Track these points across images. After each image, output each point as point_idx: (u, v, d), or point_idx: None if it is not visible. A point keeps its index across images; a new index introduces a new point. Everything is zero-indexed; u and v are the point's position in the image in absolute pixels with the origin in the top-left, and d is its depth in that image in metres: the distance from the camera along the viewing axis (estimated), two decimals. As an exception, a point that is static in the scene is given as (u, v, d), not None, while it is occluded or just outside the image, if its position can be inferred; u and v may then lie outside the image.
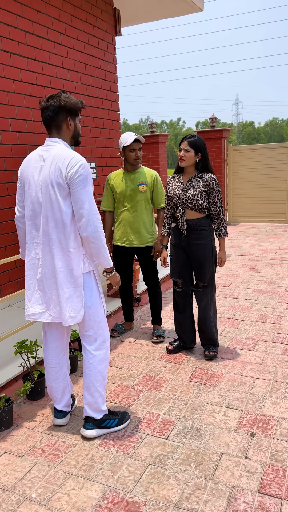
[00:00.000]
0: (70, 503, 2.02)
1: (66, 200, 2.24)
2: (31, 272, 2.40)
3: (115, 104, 5.62)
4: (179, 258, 3.38)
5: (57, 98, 2.33)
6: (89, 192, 2.25)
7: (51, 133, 2.37)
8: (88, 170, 2.25)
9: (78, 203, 2.22)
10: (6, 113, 3.90)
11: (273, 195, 10.18)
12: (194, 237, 3.26)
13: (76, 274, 2.32)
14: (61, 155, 2.23)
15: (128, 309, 4.09)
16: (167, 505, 1.99)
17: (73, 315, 2.34)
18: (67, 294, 2.32)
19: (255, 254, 7.16)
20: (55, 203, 2.24)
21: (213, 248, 3.30)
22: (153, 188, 3.69)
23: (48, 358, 2.57)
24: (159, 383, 3.08)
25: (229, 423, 2.58)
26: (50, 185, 2.22)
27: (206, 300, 3.38)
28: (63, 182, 2.21)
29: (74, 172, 2.20)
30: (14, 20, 3.90)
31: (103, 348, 2.48)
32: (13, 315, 4.09)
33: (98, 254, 2.32)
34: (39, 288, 2.38)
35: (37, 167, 2.29)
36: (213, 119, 10.42)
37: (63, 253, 2.29)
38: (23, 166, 2.38)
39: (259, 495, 2.02)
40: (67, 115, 2.35)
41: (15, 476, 2.21)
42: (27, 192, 2.33)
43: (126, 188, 3.65)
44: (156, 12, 6.24)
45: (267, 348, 3.58)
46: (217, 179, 3.21)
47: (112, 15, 5.44)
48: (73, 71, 4.75)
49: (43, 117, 2.36)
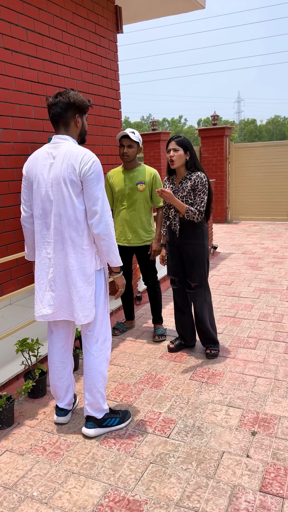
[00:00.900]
0: (71, 501, 2.02)
1: (79, 197, 2.22)
2: (42, 272, 2.36)
3: (116, 102, 5.61)
4: (173, 256, 3.38)
5: (66, 95, 2.30)
6: (102, 189, 2.24)
7: (58, 130, 2.34)
8: (100, 166, 2.24)
9: (92, 199, 2.20)
10: (7, 111, 3.89)
11: (275, 193, 10.15)
12: (187, 236, 3.25)
13: (89, 272, 2.31)
14: (72, 152, 2.21)
15: (129, 308, 4.08)
16: (169, 503, 1.98)
17: (86, 313, 2.32)
18: (80, 293, 2.29)
19: (256, 253, 7.14)
20: (68, 201, 2.21)
21: (205, 249, 3.28)
22: (152, 187, 3.65)
23: (53, 358, 2.56)
24: (160, 382, 3.07)
25: (231, 422, 2.57)
26: (63, 183, 2.19)
27: (200, 301, 3.37)
28: (76, 179, 2.18)
29: (87, 168, 2.18)
30: (16, 17, 3.89)
31: (104, 348, 2.47)
32: (14, 313, 4.09)
33: (109, 252, 2.30)
34: (51, 289, 2.34)
35: (46, 165, 2.25)
36: (215, 117, 10.39)
37: (76, 251, 2.26)
38: (29, 164, 2.33)
39: (260, 494, 2.02)
40: (76, 112, 2.33)
41: (17, 475, 2.22)
42: (35, 191, 2.29)
43: (125, 186, 3.63)
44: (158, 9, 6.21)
45: (268, 346, 3.57)
46: (205, 178, 3.13)
47: (114, 13, 5.42)
48: (74, 69, 4.74)
49: (51, 114, 2.33)
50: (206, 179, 3.13)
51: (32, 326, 3.87)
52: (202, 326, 3.42)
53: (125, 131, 3.53)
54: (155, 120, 10.86)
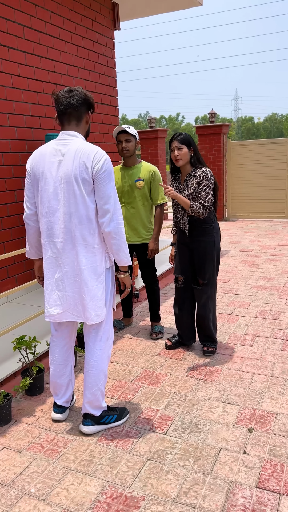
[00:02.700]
0: (69, 498, 2.03)
1: (90, 196, 2.19)
2: (48, 272, 2.33)
3: (113, 99, 5.60)
4: (182, 254, 3.37)
5: (80, 90, 2.26)
6: (114, 187, 2.22)
7: (69, 123, 2.26)
8: (111, 165, 2.22)
9: (104, 198, 2.18)
10: (4, 108, 3.88)
11: (272, 190, 10.17)
12: (197, 233, 3.24)
13: (99, 270, 2.29)
14: (84, 150, 2.17)
15: (127, 305, 4.08)
16: (166, 500, 1.99)
17: (99, 312, 2.31)
18: (93, 292, 2.27)
19: (254, 250, 7.16)
20: (79, 199, 2.17)
21: (215, 246, 3.27)
22: (151, 184, 3.61)
23: (55, 356, 2.55)
24: (157, 379, 3.08)
25: (228, 419, 2.58)
26: (74, 181, 2.16)
27: (206, 297, 3.37)
28: (88, 177, 2.15)
29: (100, 167, 2.15)
30: (12, 14, 3.88)
31: (107, 345, 2.47)
32: (11, 311, 4.09)
33: (119, 250, 2.28)
34: (58, 289, 2.32)
35: (55, 162, 2.20)
36: (212, 114, 10.38)
37: (87, 250, 2.24)
38: (36, 161, 2.26)
39: (257, 490, 2.03)
40: (88, 109, 2.32)
41: (14, 472, 2.22)
42: (42, 188, 2.24)
43: (124, 183, 3.61)
44: (155, 6, 6.19)
45: (265, 343, 3.59)
46: (209, 172, 3.11)
47: (111, 9, 5.41)
48: (71, 66, 4.72)
49: (64, 105, 2.23)
50: (211, 174, 3.11)
51: (29, 323, 3.87)
52: (204, 323, 3.42)
53: (121, 126, 3.51)
54: (153, 117, 10.84)
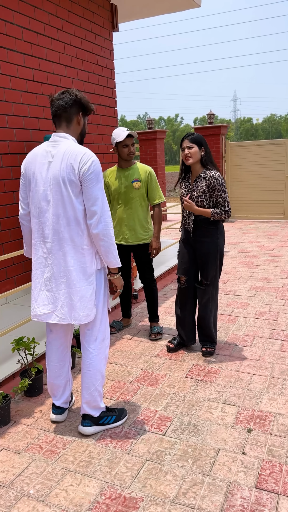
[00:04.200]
0: (68, 499, 2.03)
1: (78, 198, 2.20)
2: (38, 271, 2.35)
3: (112, 101, 5.61)
4: (185, 254, 3.39)
5: (72, 92, 2.30)
6: (101, 189, 2.23)
7: (60, 126, 2.30)
8: (99, 166, 2.22)
9: (91, 200, 2.19)
10: (2, 109, 3.88)
11: (271, 191, 10.18)
12: (201, 234, 3.26)
13: (89, 271, 2.30)
14: (72, 151, 2.18)
15: (127, 306, 4.09)
16: (165, 500, 2.00)
17: (87, 313, 2.32)
18: (81, 292, 2.29)
19: (252, 251, 7.16)
20: (67, 201, 2.19)
21: (219, 246, 3.28)
22: (148, 184, 3.64)
23: (51, 356, 2.55)
24: (156, 380, 3.08)
25: (226, 419, 2.59)
26: (62, 182, 2.18)
27: (207, 298, 3.38)
28: (75, 179, 2.17)
29: (87, 168, 2.16)
30: (11, 15, 3.88)
31: (103, 346, 2.47)
32: (10, 312, 4.09)
33: (107, 252, 2.29)
34: (46, 288, 2.33)
35: (45, 164, 2.22)
36: (211, 115, 10.40)
37: (75, 251, 2.26)
38: (28, 162, 2.30)
39: (256, 490, 2.03)
40: (79, 110, 2.32)
41: (13, 473, 2.22)
42: (33, 189, 2.27)
43: (120, 185, 3.62)
44: (153, 7, 6.20)
45: (264, 344, 3.59)
46: (219, 177, 3.16)
47: (109, 11, 5.42)
48: (70, 67, 4.73)
49: (55, 107, 2.28)
50: (221, 178, 3.17)
51: (28, 325, 3.87)
52: (204, 322, 3.43)
53: (124, 129, 3.52)
54: (151, 118, 10.85)
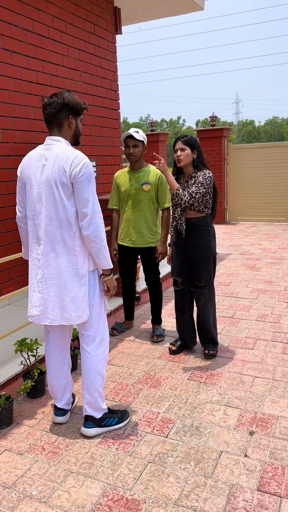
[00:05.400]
0: (70, 500, 2.03)
1: (70, 200, 2.23)
2: (32, 272, 2.39)
3: (115, 103, 5.62)
4: (178, 256, 3.38)
5: (61, 95, 2.32)
6: (93, 191, 2.25)
7: (52, 130, 2.36)
8: (91, 168, 2.25)
9: (82, 202, 2.22)
10: (6, 111, 3.90)
11: (273, 194, 10.18)
12: (193, 236, 3.26)
13: (82, 272, 2.32)
14: (64, 154, 2.22)
15: (129, 308, 4.09)
16: (167, 502, 2.00)
17: (79, 314, 2.34)
18: (73, 293, 2.31)
19: (254, 253, 7.16)
20: (59, 203, 2.23)
21: (211, 249, 3.28)
22: (158, 187, 3.61)
23: (49, 357, 2.57)
24: (159, 382, 3.09)
25: (229, 422, 2.59)
26: (54, 185, 2.21)
27: (204, 300, 3.38)
28: (67, 181, 2.20)
29: (77, 171, 2.19)
30: (15, 18, 3.90)
31: (101, 347, 2.48)
32: (13, 313, 4.10)
33: (98, 254, 2.31)
34: (38, 290, 2.37)
35: (39, 166, 2.27)
36: (213, 117, 10.42)
37: (68, 252, 2.28)
38: (23, 165, 2.36)
39: (258, 493, 2.03)
40: (70, 113, 2.35)
41: (16, 474, 2.22)
42: (28, 192, 2.31)
43: (130, 187, 3.62)
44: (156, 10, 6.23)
45: (266, 347, 3.59)
46: (209, 175, 3.13)
47: (113, 14, 5.44)
48: (73, 70, 4.75)
49: (45, 114, 2.35)
50: (210, 176, 3.14)
51: (31, 326, 3.88)
52: (204, 325, 3.43)
53: (129, 131, 3.53)
54: (154, 121, 10.88)
